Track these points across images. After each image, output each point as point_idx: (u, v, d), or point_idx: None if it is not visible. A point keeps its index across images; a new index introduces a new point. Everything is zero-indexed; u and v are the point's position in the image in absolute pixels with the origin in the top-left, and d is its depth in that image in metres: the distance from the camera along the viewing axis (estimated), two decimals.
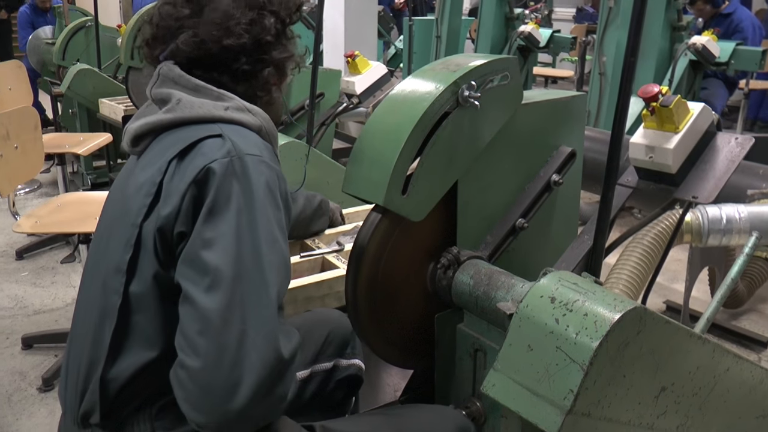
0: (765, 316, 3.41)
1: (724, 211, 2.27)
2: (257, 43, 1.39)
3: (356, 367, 1.76)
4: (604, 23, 4.98)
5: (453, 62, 1.71)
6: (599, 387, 1.30)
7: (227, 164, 1.21)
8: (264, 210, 1.21)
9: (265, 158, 1.26)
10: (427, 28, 6.57)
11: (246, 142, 1.27)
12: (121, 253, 1.26)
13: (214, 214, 1.18)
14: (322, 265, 2.19)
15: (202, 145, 1.25)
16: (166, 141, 1.31)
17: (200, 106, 1.32)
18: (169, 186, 1.23)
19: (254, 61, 1.40)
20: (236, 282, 1.14)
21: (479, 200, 1.79)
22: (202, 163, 1.22)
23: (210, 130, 1.28)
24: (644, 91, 2.06)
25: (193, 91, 1.35)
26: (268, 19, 1.41)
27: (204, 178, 1.20)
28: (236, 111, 1.33)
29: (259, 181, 1.22)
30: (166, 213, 1.21)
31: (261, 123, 1.37)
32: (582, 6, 11.32)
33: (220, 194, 1.19)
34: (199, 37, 1.36)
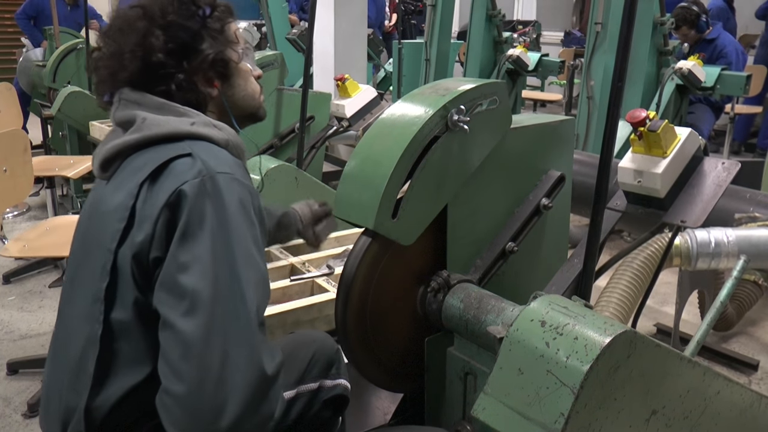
0: (755, 338, 3.41)
1: (713, 235, 2.28)
2: (152, 64, 1.39)
3: (342, 387, 1.74)
4: (592, 47, 5.03)
5: (442, 86, 1.73)
6: (590, 410, 1.29)
7: (199, 185, 1.21)
8: (238, 228, 1.21)
9: (237, 175, 1.26)
10: (416, 52, 6.61)
11: (216, 160, 1.26)
12: (97, 280, 1.25)
13: (187, 236, 1.18)
14: (311, 289, 2.19)
15: (172, 167, 1.25)
16: (136, 162, 1.30)
17: (166, 122, 1.32)
18: (142, 211, 1.23)
19: (172, 76, 1.40)
20: (215, 303, 1.14)
21: (469, 224, 1.79)
22: (173, 185, 1.21)
23: (179, 149, 1.28)
24: (632, 116, 2.08)
25: (156, 109, 1.36)
26: (155, 38, 1.39)
27: (176, 201, 1.20)
28: (203, 126, 1.34)
29: (231, 200, 1.22)
30: (141, 239, 1.21)
31: (227, 137, 1.37)
32: (570, 30, 11.43)
33: (193, 216, 1.19)
34: (114, 70, 1.40)
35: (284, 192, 2.92)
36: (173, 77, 1.40)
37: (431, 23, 6.37)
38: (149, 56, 1.38)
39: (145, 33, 1.40)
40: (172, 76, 1.39)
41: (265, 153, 3.70)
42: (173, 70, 1.39)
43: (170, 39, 1.40)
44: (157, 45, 1.38)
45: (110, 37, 1.44)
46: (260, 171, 2.86)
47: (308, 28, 3.33)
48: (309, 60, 3.49)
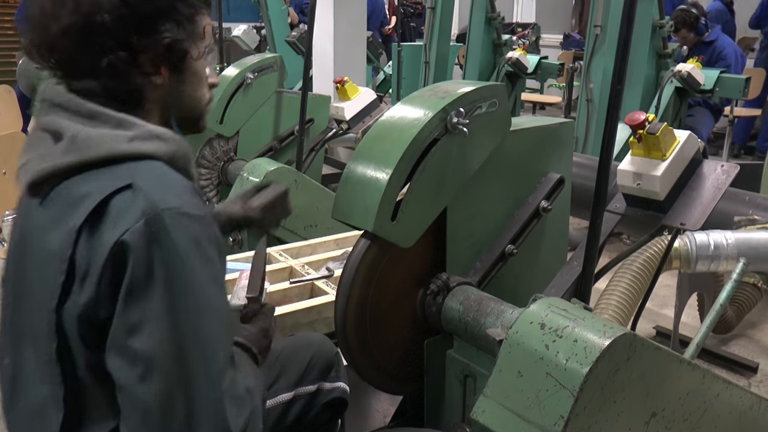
0: (754, 341, 3.41)
1: (712, 238, 2.28)
2: (92, 24, 1.16)
3: (341, 390, 1.74)
4: (591, 50, 5.03)
5: (442, 89, 1.73)
6: (589, 413, 1.29)
7: (142, 231, 1.06)
8: (193, 273, 1.08)
9: (185, 207, 1.10)
10: (415, 54, 6.61)
11: (161, 189, 1.11)
12: (45, 340, 1.12)
13: (134, 294, 1.06)
14: (311, 291, 2.19)
15: (111, 207, 1.09)
16: (70, 193, 1.14)
17: (100, 142, 1.14)
18: (82, 265, 1.08)
19: (110, 50, 1.17)
20: (173, 363, 1.06)
21: (468, 226, 1.79)
22: (113, 236, 1.06)
23: (118, 178, 1.11)
24: (631, 118, 2.08)
25: (87, 119, 1.17)
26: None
27: (119, 255, 1.06)
28: (143, 141, 1.16)
29: (182, 241, 1.08)
30: (84, 301, 1.08)
31: (173, 149, 1.20)
32: (569, 32, 11.44)
33: (138, 270, 1.05)
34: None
35: None
36: (111, 52, 1.17)
37: (430, 26, 6.38)
38: (93, 13, 1.16)
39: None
40: (110, 49, 1.17)
41: (265, 155, 3.70)
42: (113, 42, 1.17)
43: (127, 3, 1.18)
44: (107, 4, 1.16)
45: None
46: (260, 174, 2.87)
47: (308, 30, 3.34)
48: (308, 62, 3.50)
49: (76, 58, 1.19)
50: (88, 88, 1.20)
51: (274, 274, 2.24)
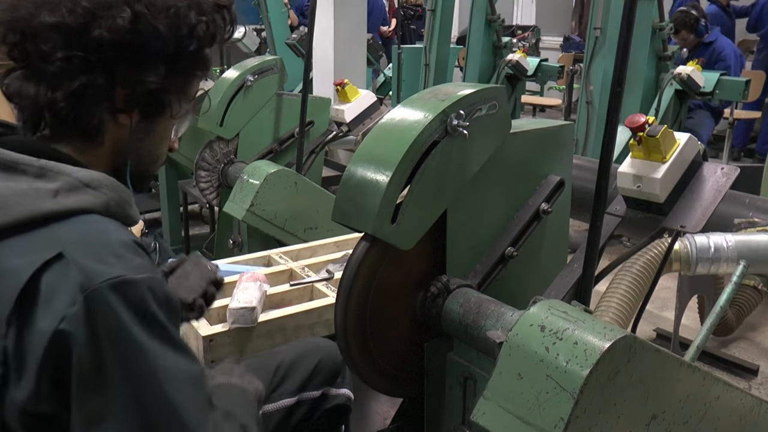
0: (755, 343, 3.41)
1: (712, 240, 2.29)
2: (85, 34, 1.04)
3: (345, 397, 1.74)
4: (591, 52, 5.04)
5: (442, 91, 1.73)
6: (589, 415, 1.29)
7: (82, 314, 0.93)
8: (145, 347, 0.97)
9: (127, 273, 0.98)
10: (415, 56, 6.62)
11: (95, 254, 0.97)
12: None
13: (87, 386, 0.95)
14: (311, 294, 2.19)
15: (42, 286, 0.95)
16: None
17: (19, 201, 0.99)
18: (15, 359, 0.95)
19: (94, 68, 1.06)
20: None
21: (468, 229, 1.79)
22: (50, 325, 0.93)
23: (44, 247, 0.97)
24: (631, 121, 2.08)
25: (2, 170, 1.03)
26: (120, 12, 1.06)
27: (60, 346, 0.93)
28: (69, 194, 1.02)
29: (127, 314, 0.96)
30: (24, 396, 0.95)
31: (106, 198, 1.05)
32: (569, 35, 11.45)
33: (86, 361, 0.94)
34: None
35: (284, 197, 2.93)
36: (91, 72, 1.06)
37: (431, 28, 6.38)
38: (94, 22, 1.04)
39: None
40: (91, 69, 1.05)
41: (265, 158, 3.71)
42: (100, 63, 1.05)
43: (136, 30, 1.07)
44: (114, 21, 1.05)
45: None
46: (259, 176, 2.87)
47: (308, 32, 3.34)
48: (308, 65, 3.50)
49: (49, 61, 1.05)
50: (35, 108, 1.08)
51: (274, 277, 2.25)
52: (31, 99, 1.08)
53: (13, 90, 1.10)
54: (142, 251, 1.05)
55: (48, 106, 1.08)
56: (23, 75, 1.09)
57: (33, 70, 1.08)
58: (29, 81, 1.08)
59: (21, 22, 1.06)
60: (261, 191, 2.86)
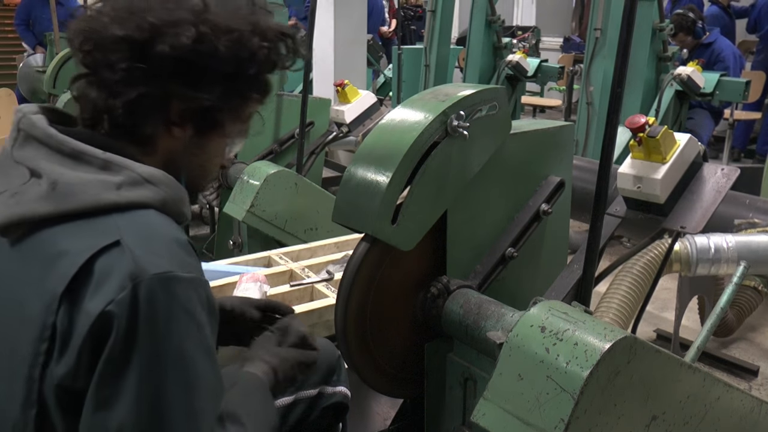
0: (755, 344, 3.41)
1: (713, 241, 2.29)
2: (162, 52, 1.10)
3: (342, 395, 1.74)
4: (591, 53, 5.04)
5: (442, 92, 1.73)
6: (590, 416, 1.29)
7: (128, 301, 0.98)
8: (180, 345, 1.01)
9: (176, 269, 1.02)
10: (416, 57, 6.62)
11: (150, 247, 1.02)
12: (20, 408, 1.03)
13: (111, 366, 0.98)
14: (311, 294, 2.19)
15: (95, 269, 1.00)
16: (50, 245, 1.05)
17: (84, 190, 1.05)
18: (63, 333, 1.00)
19: (155, 81, 1.12)
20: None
21: (468, 229, 1.79)
22: (97, 307, 0.98)
23: (102, 233, 1.02)
24: (631, 122, 2.08)
25: (69, 158, 1.08)
26: (204, 29, 1.12)
27: (102, 327, 0.98)
28: (131, 188, 1.07)
29: (170, 310, 1.00)
30: (63, 372, 1.00)
31: (164, 195, 1.11)
32: (569, 36, 11.45)
33: (119, 343, 0.98)
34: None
35: (284, 198, 2.93)
36: (151, 84, 1.12)
37: (431, 29, 6.39)
38: (157, 39, 1.10)
39: (195, 16, 1.13)
40: (152, 82, 1.12)
41: (265, 158, 3.71)
42: (161, 76, 1.12)
43: (196, 50, 1.12)
44: (177, 38, 1.11)
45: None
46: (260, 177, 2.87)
47: (308, 33, 3.34)
48: (308, 65, 3.50)
49: (113, 70, 1.11)
50: (96, 111, 1.14)
51: (274, 278, 2.25)
52: (92, 102, 1.14)
53: (79, 93, 1.17)
54: (193, 251, 1.10)
55: (106, 111, 1.14)
56: (88, 81, 1.16)
57: (98, 77, 1.14)
58: (92, 86, 1.15)
59: (95, 33, 1.13)
60: (261, 192, 2.86)
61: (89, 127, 1.17)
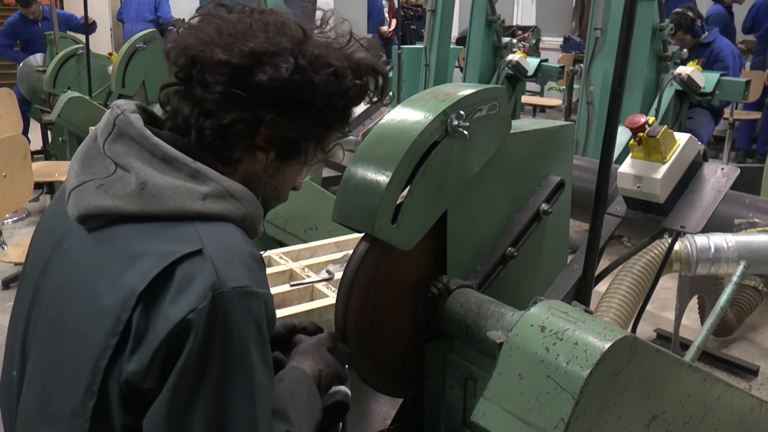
0: (755, 344, 3.41)
1: (713, 241, 2.29)
2: (260, 83, 1.15)
3: (342, 394, 1.74)
4: (591, 53, 5.05)
5: (442, 91, 1.73)
6: (590, 416, 1.29)
7: (208, 312, 1.01)
8: (248, 357, 1.05)
9: (253, 285, 1.06)
10: (416, 57, 6.63)
11: (231, 262, 1.05)
12: (81, 397, 1.06)
13: (188, 372, 1.02)
14: (311, 294, 2.19)
15: (178, 274, 1.03)
16: (131, 244, 1.08)
17: (171, 195, 1.08)
18: (138, 332, 1.03)
19: (249, 108, 1.16)
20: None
21: (469, 229, 1.79)
22: (179, 313, 1.01)
23: (187, 240, 1.06)
24: (631, 121, 2.08)
25: (161, 162, 1.11)
26: (302, 59, 1.18)
27: (181, 333, 1.01)
28: (216, 200, 1.11)
29: (244, 323, 1.04)
30: (134, 369, 1.02)
31: (245, 211, 1.15)
32: (569, 35, 11.46)
33: (197, 351, 1.01)
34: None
35: None
36: (244, 110, 1.15)
37: (431, 28, 6.39)
38: (257, 68, 1.15)
39: (294, 46, 1.18)
40: (246, 108, 1.15)
41: None
42: (255, 104, 1.16)
43: (292, 80, 1.16)
44: (277, 70, 1.15)
45: (252, 18, 1.19)
46: None
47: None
48: None
49: (209, 91, 1.15)
50: (185, 124, 1.17)
51: (273, 277, 2.24)
52: (183, 118, 1.18)
53: (168, 101, 1.21)
54: (264, 267, 1.14)
55: (197, 129, 1.17)
56: (181, 94, 1.19)
57: (191, 93, 1.17)
58: (186, 101, 1.18)
59: (195, 51, 1.16)
60: None
61: (178, 134, 1.20)
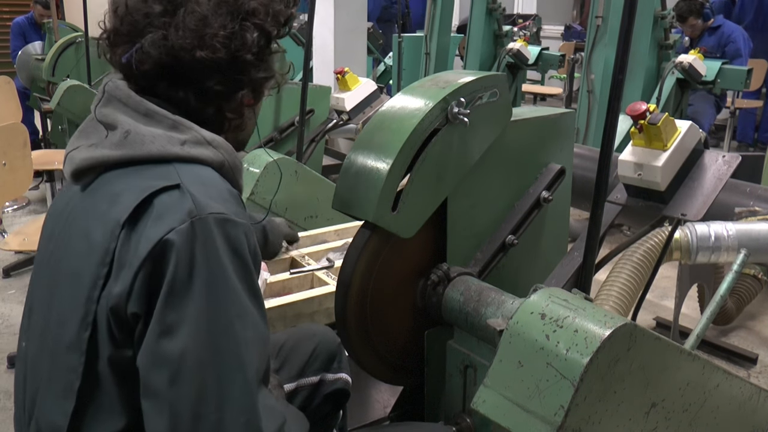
0: (754, 332, 3.42)
1: (713, 229, 2.29)
2: (235, 60, 1.21)
3: (343, 381, 1.75)
4: (592, 41, 5.03)
5: (442, 79, 1.72)
6: (589, 403, 1.29)
7: (187, 233, 1.05)
8: (232, 280, 1.08)
9: (230, 214, 1.11)
10: (416, 45, 6.61)
11: (207, 193, 1.11)
12: (76, 329, 1.11)
13: (174, 294, 1.04)
14: (311, 282, 2.19)
15: (157, 203, 1.09)
16: (116, 184, 1.15)
17: (152, 140, 1.15)
18: (121, 257, 1.08)
19: (229, 80, 1.22)
20: (206, 368, 1.04)
21: (469, 217, 1.79)
22: (157, 233, 1.05)
23: (165, 176, 1.12)
24: (632, 108, 2.07)
25: (143, 116, 1.18)
26: (251, 33, 1.22)
27: (161, 253, 1.05)
28: (194, 146, 1.17)
29: (224, 247, 1.08)
30: (118, 291, 1.07)
31: (223, 158, 1.21)
32: (570, 24, 11.41)
33: (180, 271, 1.05)
34: (169, 41, 1.17)
35: (284, 185, 2.92)
36: (233, 83, 1.23)
37: (431, 17, 6.37)
38: (240, 50, 1.21)
39: (244, 20, 1.22)
40: (234, 81, 1.23)
41: (265, 146, 3.70)
42: (242, 76, 1.24)
43: (260, 40, 1.24)
44: (250, 42, 1.22)
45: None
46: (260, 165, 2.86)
47: (308, 21, 3.32)
48: (308, 53, 3.49)
49: (201, 66, 1.19)
50: (181, 98, 1.22)
51: (274, 265, 2.25)
52: (177, 101, 1.24)
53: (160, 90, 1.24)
54: (243, 205, 1.19)
55: (185, 103, 1.23)
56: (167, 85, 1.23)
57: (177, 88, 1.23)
58: (177, 90, 1.23)
59: (200, 32, 1.20)
60: (261, 180, 2.85)
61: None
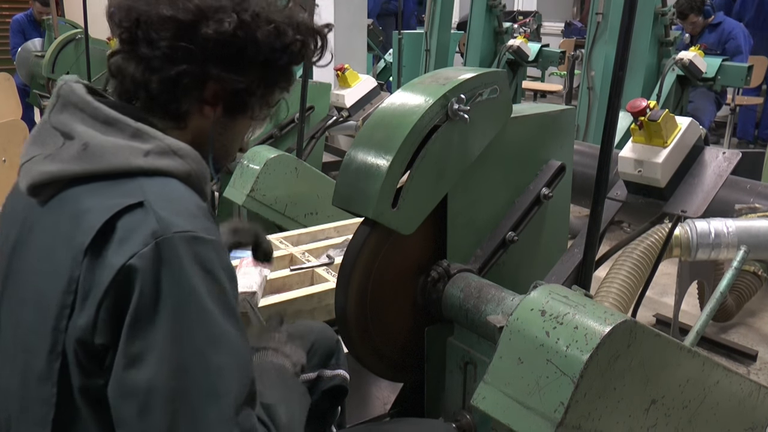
0: (754, 329, 3.42)
1: (713, 226, 2.29)
2: (195, 26, 1.16)
3: (341, 378, 1.74)
4: (593, 38, 5.02)
5: (442, 75, 1.72)
6: (589, 400, 1.30)
7: (151, 256, 1.00)
8: (203, 302, 1.02)
9: (198, 231, 1.04)
10: (416, 42, 6.60)
11: (173, 209, 1.05)
12: (45, 359, 1.06)
13: (139, 322, 0.99)
14: (311, 279, 2.19)
15: (120, 226, 1.03)
16: (75, 206, 1.08)
17: (114, 153, 1.08)
18: (84, 286, 1.02)
19: (190, 55, 1.16)
20: (178, 397, 0.99)
21: (469, 213, 1.79)
22: (119, 260, 1.00)
23: (129, 194, 1.05)
24: (632, 105, 2.07)
25: (102, 124, 1.12)
26: (227, 17, 1.18)
27: (124, 280, 0.99)
28: (158, 156, 1.11)
29: (193, 268, 1.02)
30: (83, 324, 1.02)
31: (189, 168, 1.14)
32: (570, 21, 11.40)
33: (144, 298, 0.99)
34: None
35: (284, 182, 2.92)
36: (191, 62, 1.16)
37: (431, 14, 6.36)
38: (204, 21, 1.16)
39: (236, 4, 1.19)
40: (192, 60, 1.16)
41: (265, 143, 3.70)
42: (201, 57, 1.16)
43: (236, 35, 1.18)
44: (221, 22, 1.16)
45: None
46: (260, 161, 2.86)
47: (308, 17, 3.32)
48: None
49: (154, 47, 1.16)
50: (132, 83, 1.18)
51: (274, 262, 2.24)
52: (129, 77, 1.18)
53: (115, 67, 1.21)
54: (213, 219, 1.14)
55: (143, 84, 1.18)
56: (126, 56, 1.19)
57: (136, 53, 1.18)
58: (130, 61, 1.18)
59: (138, 11, 1.17)
60: (261, 176, 2.85)
61: (125, 98, 1.22)
